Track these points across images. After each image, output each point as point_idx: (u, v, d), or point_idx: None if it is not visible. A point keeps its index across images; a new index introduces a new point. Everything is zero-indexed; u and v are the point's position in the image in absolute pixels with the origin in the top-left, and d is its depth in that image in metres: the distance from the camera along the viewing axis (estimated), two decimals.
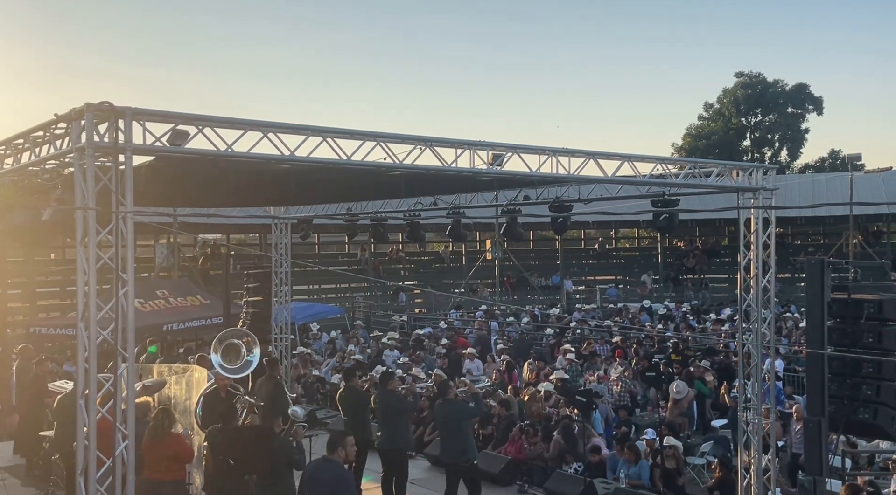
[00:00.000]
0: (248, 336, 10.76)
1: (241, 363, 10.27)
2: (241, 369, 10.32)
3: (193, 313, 19.76)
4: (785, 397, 14.56)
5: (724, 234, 36.35)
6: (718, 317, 23.77)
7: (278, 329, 17.05)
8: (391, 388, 11.20)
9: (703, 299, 30.42)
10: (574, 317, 25.45)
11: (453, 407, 10.50)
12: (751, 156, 52.33)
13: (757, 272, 10.82)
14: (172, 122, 6.67)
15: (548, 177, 9.52)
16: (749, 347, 11.05)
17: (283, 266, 17.08)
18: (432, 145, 8.43)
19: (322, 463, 7.20)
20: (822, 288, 8.98)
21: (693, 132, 53.71)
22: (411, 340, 20.86)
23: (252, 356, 10.39)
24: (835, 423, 8.84)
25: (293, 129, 7.50)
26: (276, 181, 10.47)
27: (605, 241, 36.99)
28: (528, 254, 35.66)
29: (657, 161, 10.78)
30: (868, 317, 9.10)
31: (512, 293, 31.88)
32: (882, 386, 8.64)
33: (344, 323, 26.42)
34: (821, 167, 51.83)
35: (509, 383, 16.06)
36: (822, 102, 52.61)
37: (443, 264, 34.76)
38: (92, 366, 6.39)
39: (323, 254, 34.04)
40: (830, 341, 8.99)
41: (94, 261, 6.35)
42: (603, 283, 33.36)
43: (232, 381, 10.36)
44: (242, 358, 10.28)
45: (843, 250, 29.54)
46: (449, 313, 26.95)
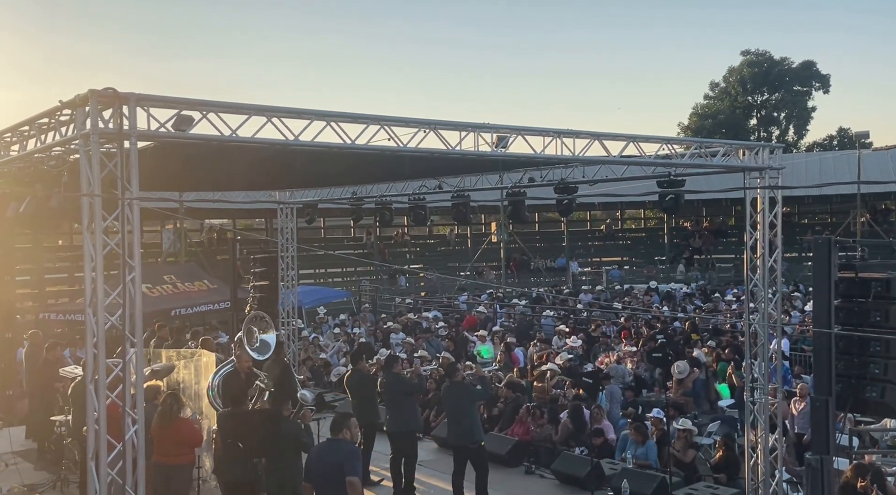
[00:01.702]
0: (264, 318, 10.91)
1: (258, 344, 10.54)
2: (260, 350, 10.55)
3: (200, 298, 19.87)
4: (793, 377, 14.57)
5: (730, 214, 36.24)
6: (725, 299, 23.77)
7: (285, 313, 17.12)
8: (396, 371, 11.25)
9: (709, 279, 30.40)
10: (581, 299, 25.48)
11: (460, 389, 10.54)
12: (757, 135, 52.02)
13: (763, 252, 10.79)
14: (177, 108, 6.66)
15: (552, 158, 9.48)
16: (756, 327, 11.05)
17: (289, 250, 17.12)
18: (436, 128, 8.41)
19: (328, 443, 7.24)
20: (829, 267, 8.93)
21: (699, 111, 53.41)
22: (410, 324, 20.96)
23: (268, 336, 10.69)
24: (842, 402, 8.84)
25: (297, 114, 7.48)
26: (281, 165, 10.47)
27: (611, 223, 36.90)
28: (533, 237, 35.64)
29: (663, 141, 10.73)
30: (875, 296, 9.06)
31: (517, 275, 31.91)
32: (890, 364, 8.62)
33: (350, 306, 26.51)
34: (828, 145, 51.54)
35: (513, 365, 16.13)
36: (829, 80, 52.26)
37: (448, 247, 34.78)
38: (101, 352, 6.43)
39: (329, 239, 34.09)
40: (837, 320, 8.95)
41: (100, 248, 6.37)
42: (609, 265, 33.34)
43: (252, 364, 10.50)
44: (256, 339, 10.54)
45: (851, 229, 29.43)
46: (456, 297, 27.00)
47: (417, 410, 11.58)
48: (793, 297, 22.14)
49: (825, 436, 8.62)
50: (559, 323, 20.99)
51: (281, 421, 8.65)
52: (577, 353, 16.48)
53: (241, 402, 9.17)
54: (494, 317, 22.56)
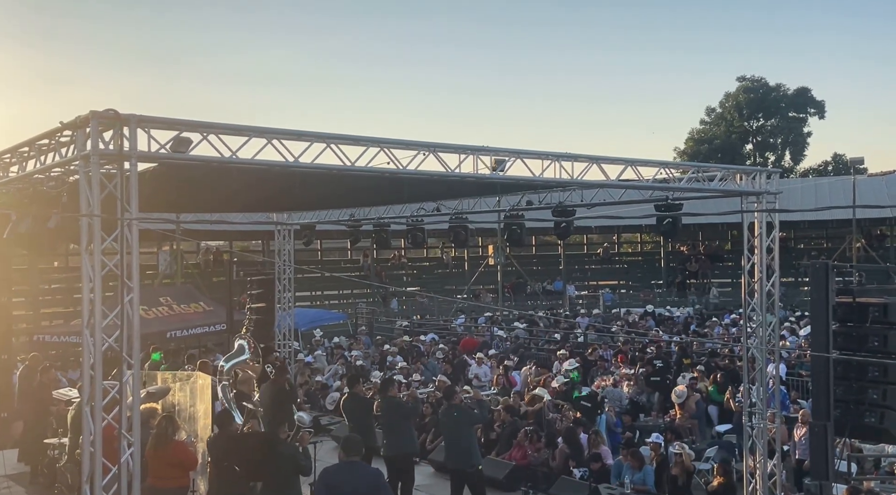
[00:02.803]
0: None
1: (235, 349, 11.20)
2: (236, 354, 11.08)
3: (196, 320, 19.78)
4: (790, 402, 14.51)
5: (726, 239, 36.31)
6: (723, 323, 23.74)
7: (281, 335, 17.06)
8: (392, 394, 11.16)
9: (706, 304, 30.37)
10: (580, 322, 25.44)
11: (458, 412, 10.48)
12: (753, 160, 52.30)
13: (761, 276, 10.80)
14: (177, 129, 6.69)
15: (551, 181, 9.52)
16: (753, 352, 11.03)
17: (286, 272, 17.10)
18: (436, 151, 8.45)
19: (348, 466, 7.00)
20: (826, 292, 8.97)
21: (696, 136, 53.71)
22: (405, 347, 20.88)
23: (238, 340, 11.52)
24: (840, 427, 8.82)
25: (297, 136, 7.52)
26: (280, 187, 10.49)
27: (608, 246, 36.95)
28: (530, 259, 35.65)
29: (660, 165, 10.79)
30: (873, 321, 9.09)
31: (512, 298, 31.87)
32: (888, 389, 8.63)
33: (347, 328, 26.41)
34: (824, 171, 51.81)
35: (511, 386, 16.06)
36: (824, 106, 52.69)
37: (445, 269, 34.75)
38: (97, 374, 6.39)
39: (326, 260, 34.05)
40: (835, 345, 8.97)
41: (99, 269, 6.36)
42: (608, 288, 33.33)
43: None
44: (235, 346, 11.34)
45: (847, 254, 29.49)
46: (453, 320, 26.93)
47: (414, 434, 11.50)
48: (790, 322, 22.11)
49: (824, 462, 8.60)
50: (553, 346, 20.94)
51: (278, 443, 8.59)
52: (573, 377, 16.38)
53: (228, 424, 9.13)
54: (491, 340, 22.48)
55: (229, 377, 10.79)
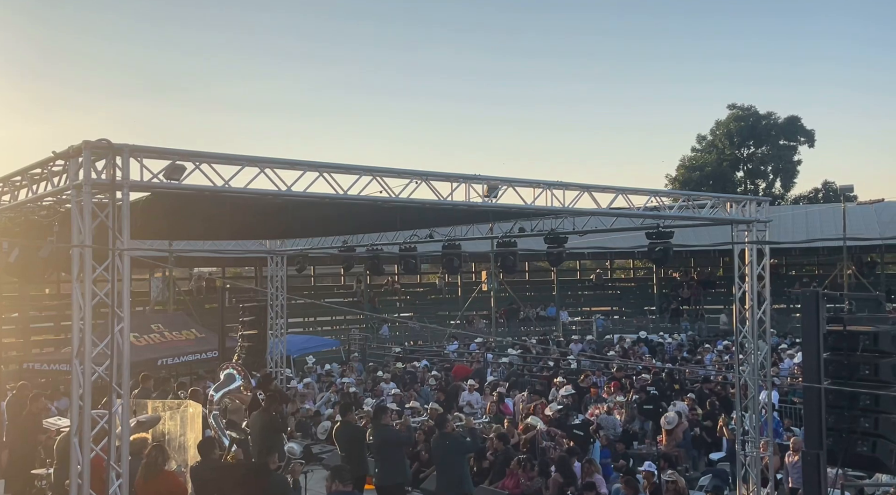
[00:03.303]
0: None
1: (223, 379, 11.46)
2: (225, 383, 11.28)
3: (188, 347, 19.66)
4: (783, 429, 14.48)
5: (718, 265, 36.42)
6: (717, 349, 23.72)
7: (273, 362, 16.99)
8: (385, 422, 11.11)
9: (698, 330, 30.39)
10: (572, 349, 25.37)
11: (450, 441, 10.43)
12: (744, 188, 52.61)
13: (752, 304, 10.85)
14: (170, 159, 6.72)
15: (542, 209, 9.59)
16: (745, 379, 11.04)
17: (278, 299, 17.07)
18: (428, 179, 8.51)
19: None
20: (817, 320, 8.98)
21: (687, 164, 54.05)
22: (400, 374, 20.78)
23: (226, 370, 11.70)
24: (833, 457, 8.79)
25: (290, 165, 7.56)
26: (273, 215, 10.52)
27: (601, 272, 37.01)
28: (524, 285, 35.65)
29: (651, 193, 10.87)
30: (864, 349, 9.10)
31: (506, 324, 31.83)
32: (880, 418, 8.61)
33: (340, 355, 26.29)
34: (814, 198, 52.13)
35: (504, 414, 15.96)
36: (813, 135, 53.12)
37: (439, 295, 34.71)
38: (86, 404, 6.35)
39: (318, 286, 33.98)
40: (827, 373, 8.97)
41: (89, 298, 6.35)
42: (599, 314, 33.32)
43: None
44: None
45: (838, 281, 29.61)
46: (446, 346, 26.84)
47: (406, 463, 11.42)
48: (781, 349, 22.12)
49: (817, 492, 8.56)
50: (546, 373, 20.87)
51: (267, 474, 8.51)
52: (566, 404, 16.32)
53: (210, 452, 9.07)
54: (484, 367, 22.37)
55: (220, 406, 10.74)
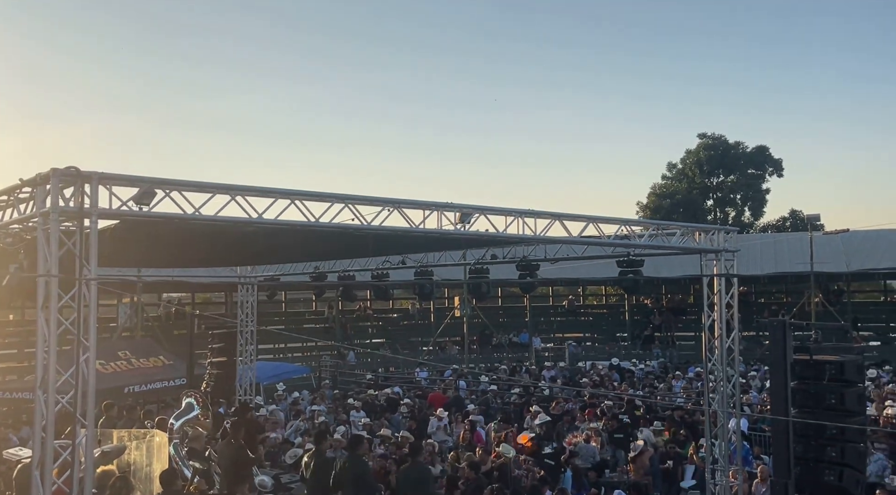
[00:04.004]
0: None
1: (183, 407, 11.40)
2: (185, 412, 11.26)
3: (156, 374, 19.33)
4: (753, 457, 14.55)
5: (689, 292, 36.77)
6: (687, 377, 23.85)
7: (242, 390, 16.79)
8: (361, 453, 10.93)
9: (669, 357, 30.56)
10: (545, 376, 25.37)
11: (418, 471, 10.31)
12: (714, 216, 53.36)
13: (721, 333, 10.95)
14: (139, 186, 6.66)
15: (514, 237, 9.64)
16: (715, 407, 11.11)
17: (248, 325, 16.91)
18: (400, 207, 8.52)
19: None
20: (784, 349, 9.12)
21: (657, 191, 54.73)
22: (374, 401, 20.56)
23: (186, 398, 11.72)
24: (801, 486, 8.87)
25: (261, 192, 7.53)
26: (244, 242, 10.45)
27: (573, 299, 37.16)
28: (496, 311, 35.66)
29: (621, 223, 10.99)
30: (830, 378, 9.24)
31: (479, 350, 31.78)
32: (846, 448, 8.73)
33: (310, 382, 26.03)
34: (782, 227, 52.99)
35: (478, 443, 15.87)
36: (781, 164, 54.14)
37: (411, 321, 34.60)
38: (49, 435, 6.22)
39: (290, 312, 33.71)
40: (794, 402, 9.08)
41: (54, 327, 6.24)
42: (572, 340, 33.40)
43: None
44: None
45: (806, 309, 30.03)
46: (416, 373, 26.70)
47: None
48: (750, 377, 22.30)
49: None
50: (520, 399, 20.80)
51: None
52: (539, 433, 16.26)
53: (172, 483, 8.93)
54: (461, 396, 22.23)
55: (180, 435, 10.60)
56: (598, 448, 15.42)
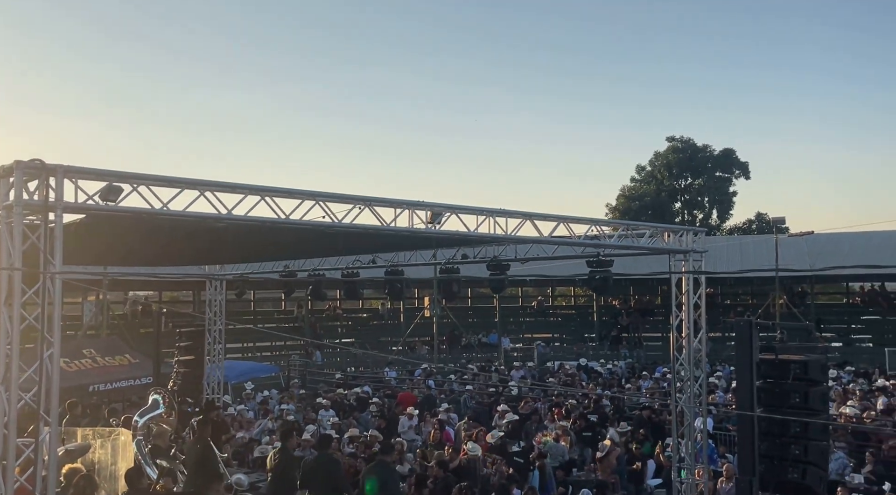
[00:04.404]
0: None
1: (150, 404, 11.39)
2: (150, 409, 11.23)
3: (121, 373, 19.08)
4: (718, 456, 14.75)
5: (657, 293, 37.16)
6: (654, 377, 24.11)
7: (210, 389, 16.62)
8: (331, 452, 10.86)
9: (637, 357, 30.87)
10: (513, 375, 25.47)
11: (383, 469, 10.27)
12: (682, 218, 53.97)
13: (689, 332, 11.09)
14: (106, 180, 6.56)
15: (485, 237, 9.66)
16: (682, 406, 11.24)
17: (216, 324, 16.74)
18: (371, 205, 8.50)
19: None
20: (750, 349, 9.25)
21: (626, 193, 55.23)
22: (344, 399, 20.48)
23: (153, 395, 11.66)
24: (765, 483, 9.00)
25: (231, 188, 7.46)
26: (213, 240, 10.34)
27: (542, 299, 37.36)
28: (466, 311, 35.73)
29: (592, 223, 11.08)
30: (794, 377, 9.40)
31: (448, 350, 31.81)
32: (809, 445, 8.88)
33: (279, 381, 25.84)
34: (748, 229, 53.77)
35: (447, 442, 15.89)
36: (748, 167, 54.93)
37: (381, 321, 34.54)
38: (11, 432, 6.10)
39: (258, 311, 33.45)
40: (759, 401, 9.22)
41: (17, 322, 6.12)
42: (541, 341, 33.58)
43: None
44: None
45: (771, 310, 30.50)
46: (385, 372, 26.65)
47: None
48: (717, 377, 22.60)
49: None
50: (489, 399, 20.88)
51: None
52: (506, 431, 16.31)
53: (138, 481, 8.83)
54: (432, 395, 22.23)
55: (143, 432, 10.49)
56: (567, 447, 15.52)
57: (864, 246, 31.39)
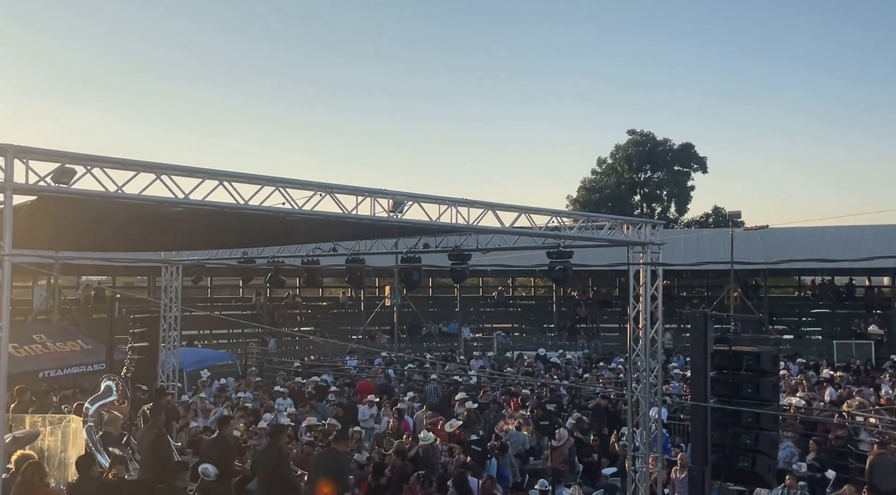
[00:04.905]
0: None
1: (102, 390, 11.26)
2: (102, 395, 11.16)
3: (73, 359, 18.70)
4: (672, 446, 15.00)
5: (615, 285, 37.59)
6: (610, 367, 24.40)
7: (165, 376, 16.38)
8: (282, 445, 10.71)
9: (595, 348, 31.22)
10: (472, 365, 25.57)
11: (333, 458, 10.20)
12: (641, 211, 54.57)
13: (645, 323, 11.23)
14: (59, 161, 6.38)
15: (447, 226, 9.64)
16: (638, 396, 11.40)
17: (172, 310, 16.48)
18: (332, 192, 8.41)
19: None
20: (705, 340, 9.41)
21: (587, 185, 55.67)
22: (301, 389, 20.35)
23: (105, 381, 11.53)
24: (717, 471, 9.18)
25: (188, 172, 7.32)
26: (169, 225, 10.15)
27: (502, 290, 37.55)
28: (427, 301, 35.74)
29: (552, 214, 11.13)
30: (747, 368, 9.60)
31: (408, 340, 31.80)
32: (760, 435, 9.08)
33: (236, 369, 25.57)
34: (705, 222, 54.60)
35: (405, 431, 15.89)
36: (706, 162, 55.75)
37: (341, 310, 34.37)
38: None
39: (215, 298, 33.04)
40: (713, 392, 9.39)
41: None
42: (500, 331, 33.77)
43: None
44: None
45: (725, 302, 31.06)
46: (346, 360, 26.54)
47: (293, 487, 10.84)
48: (671, 367, 22.95)
49: None
50: (449, 388, 20.94)
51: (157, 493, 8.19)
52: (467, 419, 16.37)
53: (88, 468, 8.69)
54: (389, 384, 22.20)
55: (95, 419, 10.31)
56: (528, 436, 15.64)
57: (816, 241, 32.14)
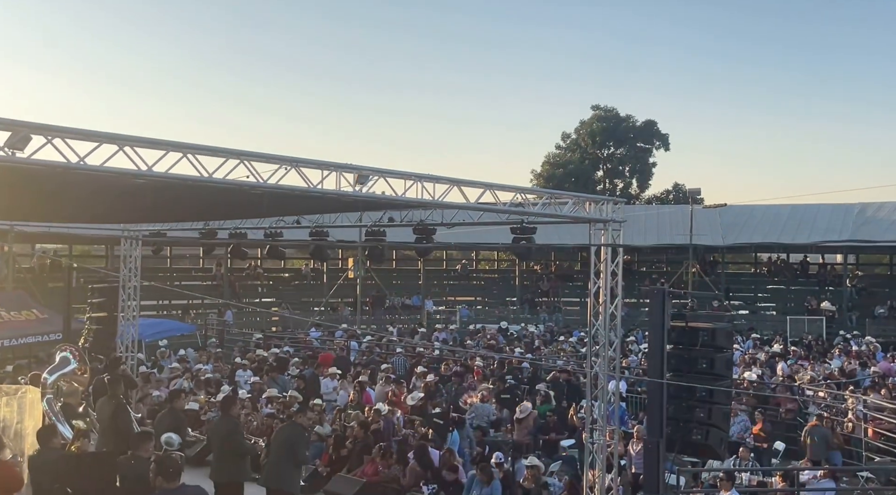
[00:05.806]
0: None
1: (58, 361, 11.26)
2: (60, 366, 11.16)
3: (28, 329, 18.43)
4: (630, 418, 15.35)
5: (577, 260, 38.03)
6: (570, 340, 24.78)
7: (124, 347, 16.23)
8: (233, 415, 10.67)
9: (556, 322, 31.65)
10: (436, 337, 25.77)
11: (293, 431, 10.26)
12: (604, 186, 55.02)
13: (605, 299, 11.42)
14: (17, 131, 6.24)
15: (412, 202, 9.65)
16: (597, 370, 11.62)
17: (131, 281, 16.28)
18: (298, 166, 8.35)
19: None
20: (662, 316, 9.63)
21: (552, 160, 55.87)
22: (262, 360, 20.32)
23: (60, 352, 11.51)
24: (671, 444, 9.46)
25: (152, 144, 7.21)
26: (131, 196, 9.99)
27: (466, 263, 37.75)
28: (390, 273, 35.80)
29: (517, 190, 11.21)
30: (702, 344, 9.88)
31: (371, 312, 31.86)
32: (713, 409, 9.36)
33: (196, 340, 25.41)
34: (666, 199, 55.25)
35: (366, 403, 16.03)
36: (668, 139, 56.25)
37: (303, 281, 34.25)
38: None
39: (176, 268, 32.70)
40: (669, 366, 9.63)
41: None
42: (464, 304, 34.03)
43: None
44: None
45: (684, 279, 31.66)
46: (309, 332, 26.53)
47: (247, 460, 10.61)
48: (629, 342, 23.40)
49: (656, 476, 9.18)
50: (412, 361, 21.12)
51: (120, 464, 8.18)
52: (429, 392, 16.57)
53: (50, 440, 8.66)
54: (348, 355, 22.30)
55: (53, 390, 10.22)
56: (494, 407, 15.87)
57: (772, 219, 32.90)
